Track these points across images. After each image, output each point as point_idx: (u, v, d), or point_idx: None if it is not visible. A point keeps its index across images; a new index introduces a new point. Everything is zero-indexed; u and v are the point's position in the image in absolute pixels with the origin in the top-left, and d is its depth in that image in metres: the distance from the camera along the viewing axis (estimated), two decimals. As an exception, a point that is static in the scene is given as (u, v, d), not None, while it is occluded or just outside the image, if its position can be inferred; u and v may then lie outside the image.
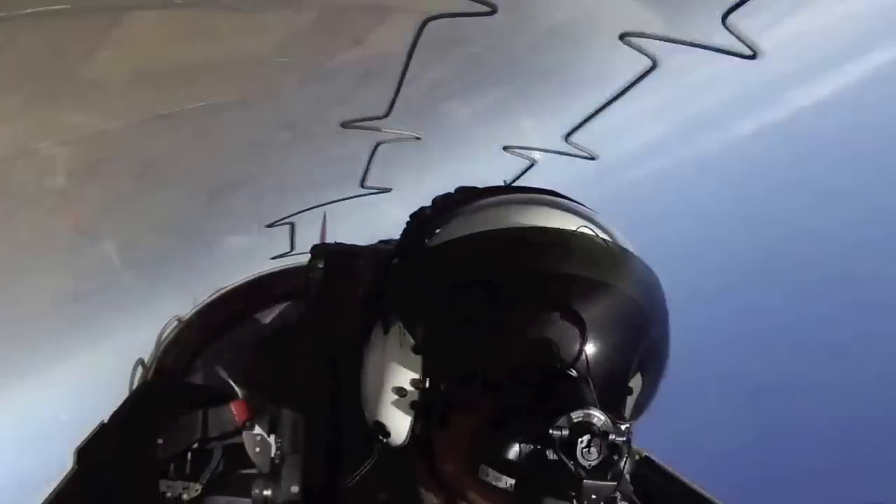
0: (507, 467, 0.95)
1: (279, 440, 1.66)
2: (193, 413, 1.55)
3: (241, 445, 1.63)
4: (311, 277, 1.39)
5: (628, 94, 2.18)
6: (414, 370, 1.06)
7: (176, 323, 2.18)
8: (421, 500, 1.13)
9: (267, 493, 1.56)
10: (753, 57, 1.54)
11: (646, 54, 1.69)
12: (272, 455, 1.62)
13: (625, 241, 1.10)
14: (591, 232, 1.05)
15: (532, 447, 0.92)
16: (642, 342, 1.06)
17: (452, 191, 1.24)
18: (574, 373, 0.96)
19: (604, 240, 1.05)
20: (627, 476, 0.96)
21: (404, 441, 1.11)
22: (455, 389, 1.03)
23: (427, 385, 1.05)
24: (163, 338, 2.14)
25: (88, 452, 1.43)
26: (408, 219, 1.23)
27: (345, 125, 2.07)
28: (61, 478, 1.37)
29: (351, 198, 3.19)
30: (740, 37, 1.51)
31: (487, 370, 1.00)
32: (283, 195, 3.07)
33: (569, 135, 2.62)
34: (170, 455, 1.50)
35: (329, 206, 3.16)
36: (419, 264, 1.10)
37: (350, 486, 1.16)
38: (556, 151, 2.67)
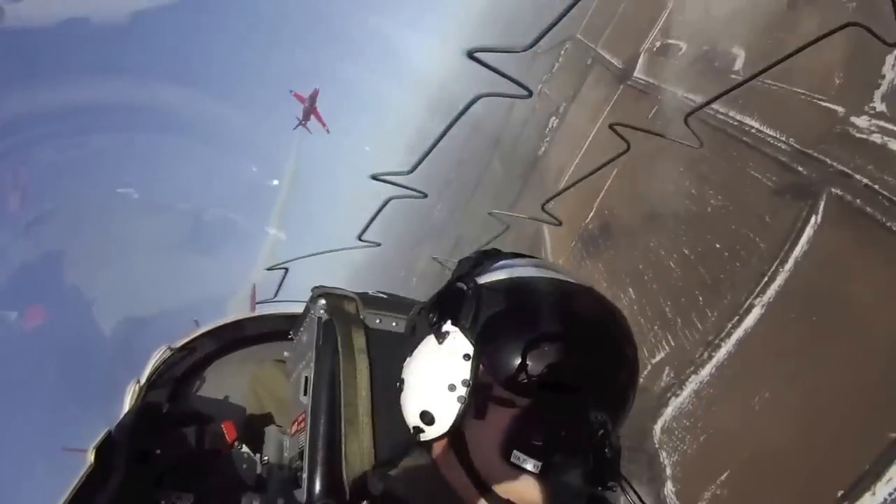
0: (535, 451, 1.09)
1: (264, 458, 1.79)
2: (188, 428, 1.71)
3: (232, 463, 1.77)
4: (311, 312, 1.53)
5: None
6: (462, 371, 1.22)
7: (166, 350, 2.29)
8: (447, 491, 1.22)
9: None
10: (701, 146, 2.16)
11: (624, 139, 2.27)
12: (258, 471, 1.78)
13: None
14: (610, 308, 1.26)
15: (560, 434, 1.07)
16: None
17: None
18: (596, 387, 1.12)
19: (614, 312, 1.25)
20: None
21: (448, 429, 1.23)
22: (497, 387, 1.19)
23: (473, 383, 1.20)
24: (153, 363, 2.23)
25: (101, 454, 1.51)
26: (457, 261, 1.43)
27: (374, 177, 2.42)
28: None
29: (345, 249, 3.44)
30: (694, 132, 2.11)
31: (524, 377, 1.15)
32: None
33: (545, 203, 3.17)
34: (165, 465, 1.63)
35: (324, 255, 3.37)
36: (475, 294, 1.26)
37: (384, 481, 1.24)
38: (534, 218, 3.18)
